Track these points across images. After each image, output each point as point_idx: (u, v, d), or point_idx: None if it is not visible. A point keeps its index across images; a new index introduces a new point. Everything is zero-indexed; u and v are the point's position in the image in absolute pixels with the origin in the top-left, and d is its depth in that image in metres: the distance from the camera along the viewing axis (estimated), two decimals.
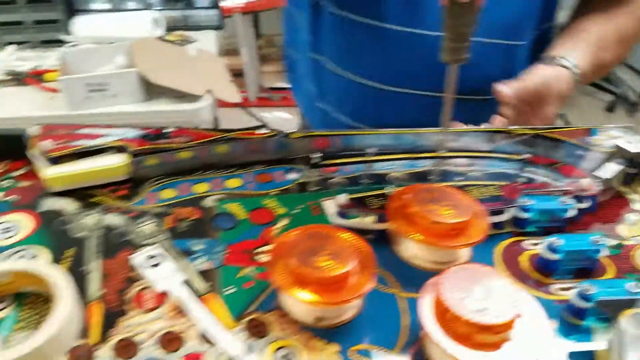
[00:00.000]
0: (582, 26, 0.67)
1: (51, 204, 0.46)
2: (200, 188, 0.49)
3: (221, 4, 2.01)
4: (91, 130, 0.49)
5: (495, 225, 0.45)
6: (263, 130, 0.53)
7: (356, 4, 0.65)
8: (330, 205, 0.46)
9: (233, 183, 0.50)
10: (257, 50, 2.40)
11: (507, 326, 0.33)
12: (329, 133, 0.53)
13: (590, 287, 0.36)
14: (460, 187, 0.49)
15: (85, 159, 0.47)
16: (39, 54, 1.43)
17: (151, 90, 1.18)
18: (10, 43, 1.50)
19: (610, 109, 2.81)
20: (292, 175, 0.50)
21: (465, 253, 0.43)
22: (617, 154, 0.51)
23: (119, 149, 0.48)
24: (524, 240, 0.44)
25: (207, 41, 1.44)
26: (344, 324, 0.37)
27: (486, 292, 0.34)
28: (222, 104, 1.77)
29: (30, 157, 0.49)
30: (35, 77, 1.28)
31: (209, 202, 0.47)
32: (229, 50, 2.35)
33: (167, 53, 1.27)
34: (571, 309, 0.38)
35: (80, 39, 1.39)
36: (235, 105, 1.96)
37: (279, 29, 0.92)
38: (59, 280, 0.36)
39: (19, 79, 1.29)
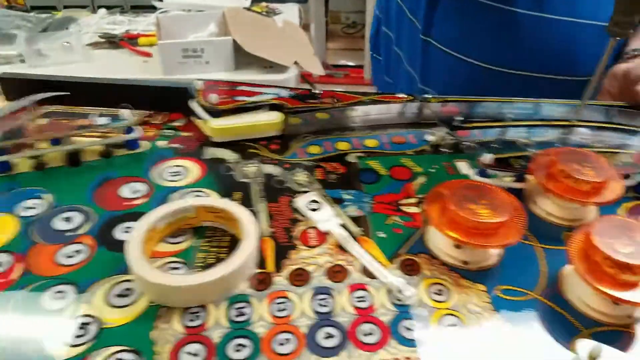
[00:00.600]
0: None
1: (213, 152, 0.53)
2: (343, 146, 0.54)
3: None
4: (248, 88, 0.55)
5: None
6: (401, 95, 0.57)
7: None
8: (464, 166, 0.50)
9: (371, 143, 0.55)
10: (326, 26, 2.43)
11: None
12: (465, 99, 0.56)
13: None
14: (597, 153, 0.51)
15: (245, 114, 0.53)
16: (130, 18, 1.51)
17: (240, 59, 1.25)
18: (101, 7, 1.59)
19: None
20: (427, 137, 0.53)
21: (593, 212, 0.46)
22: None
23: (272, 107, 0.54)
24: None
25: (291, 13, 1.49)
26: (488, 269, 0.41)
27: (631, 239, 0.37)
28: None
29: (192, 108, 0.55)
30: (129, 41, 1.36)
31: (351, 158, 0.52)
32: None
33: (257, 23, 1.33)
34: None
35: (171, 5, 1.47)
36: (306, 81, 2.00)
37: (346, 6, 0.92)
38: (245, 217, 0.42)
39: (113, 41, 1.35)
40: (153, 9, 1.52)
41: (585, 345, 0.35)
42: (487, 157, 0.47)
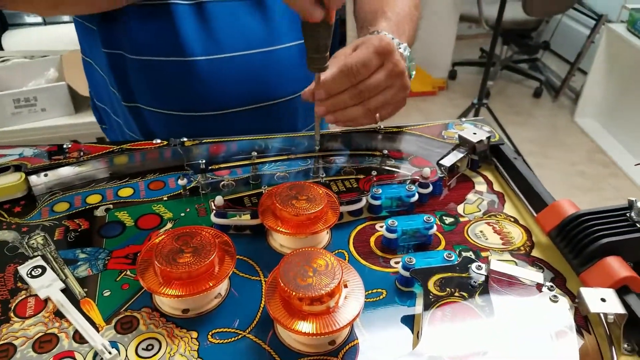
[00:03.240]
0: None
1: None
2: (93, 199, 0.52)
3: None
4: None
5: (354, 213, 0.50)
6: (157, 141, 0.56)
7: (154, 47, 0.62)
8: (220, 200, 0.50)
9: (125, 192, 0.53)
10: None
11: (330, 296, 0.37)
12: (221, 140, 0.57)
13: (411, 258, 0.41)
14: (323, 183, 0.54)
15: None
16: None
17: (82, 102, 1.21)
18: None
19: (537, 94, 2.91)
20: (183, 181, 0.53)
21: (324, 238, 0.48)
22: (461, 143, 0.56)
23: (17, 168, 0.51)
24: (376, 223, 0.49)
25: None
26: (207, 314, 0.41)
27: (312, 269, 0.38)
28: None
29: None
30: None
31: (99, 212, 0.51)
32: None
33: None
34: (400, 279, 0.43)
35: (12, 53, 1.40)
36: None
37: None
38: None
39: None
40: None
41: None
42: (217, 200, 0.48)
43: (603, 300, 0.38)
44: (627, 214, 0.44)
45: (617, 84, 2.48)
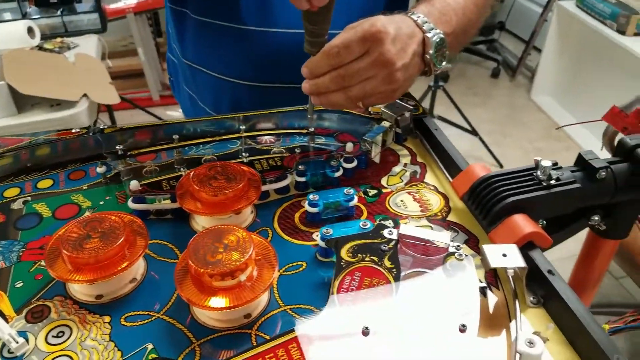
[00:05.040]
0: None
1: None
2: (11, 192, 0.51)
3: (112, 5, 1.98)
4: None
5: (280, 191, 0.50)
6: (76, 130, 0.55)
7: (213, 10, 0.68)
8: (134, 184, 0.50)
9: (45, 184, 0.52)
10: (156, 48, 2.37)
11: (240, 270, 0.37)
12: (140, 125, 0.56)
13: (328, 229, 0.42)
14: (247, 163, 0.54)
15: None
16: None
17: (26, 102, 1.18)
18: None
19: (494, 75, 2.97)
20: (101, 169, 0.52)
21: (248, 217, 0.48)
22: (385, 118, 0.57)
23: None
24: (302, 200, 0.49)
25: (88, 46, 1.43)
26: (121, 298, 0.41)
27: (222, 245, 0.39)
28: (120, 105, 1.75)
29: None
30: None
31: (16, 204, 0.50)
32: (128, 51, 2.32)
33: (42, 62, 1.26)
34: (320, 250, 0.43)
35: None
36: (135, 106, 1.95)
37: None
38: None
39: None
40: None
41: None
42: (132, 185, 0.47)
43: (504, 255, 0.39)
44: (534, 174, 0.45)
45: (569, 61, 2.55)
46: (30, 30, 1.29)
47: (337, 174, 0.51)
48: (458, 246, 0.41)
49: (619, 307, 1.39)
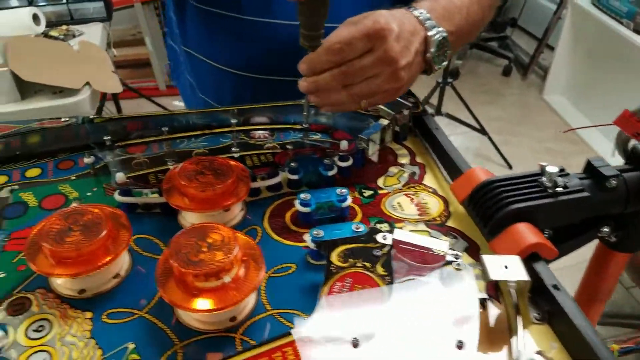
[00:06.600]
0: None
1: None
2: None
3: None
4: None
5: (272, 188, 0.49)
6: (65, 119, 0.54)
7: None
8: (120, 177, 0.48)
9: (33, 172, 0.51)
10: (164, 38, 2.36)
11: (225, 271, 0.36)
12: (131, 116, 0.54)
13: (319, 231, 0.40)
14: (237, 158, 0.52)
15: None
16: None
17: (29, 88, 1.17)
18: None
19: (506, 73, 2.92)
20: (89, 159, 0.51)
21: (237, 214, 0.46)
22: (383, 115, 0.55)
23: None
24: (295, 199, 0.48)
25: (93, 34, 1.42)
26: (105, 294, 0.40)
27: (206, 244, 0.37)
28: (126, 94, 1.74)
29: None
30: None
31: (3, 193, 0.49)
32: (137, 41, 2.30)
33: (46, 49, 1.25)
34: (311, 252, 0.41)
35: None
36: (141, 95, 1.93)
37: None
38: None
39: None
40: None
41: None
42: (118, 177, 0.46)
43: (506, 267, 0.37)
44: (539, 180, 0.43)
45: (583, 60, 2.50)
46: (35, 17, 1.28)
47: (331, 173, 0.49)
48: (457, 255, 0.39)
49: (629, 319, 1.35)
